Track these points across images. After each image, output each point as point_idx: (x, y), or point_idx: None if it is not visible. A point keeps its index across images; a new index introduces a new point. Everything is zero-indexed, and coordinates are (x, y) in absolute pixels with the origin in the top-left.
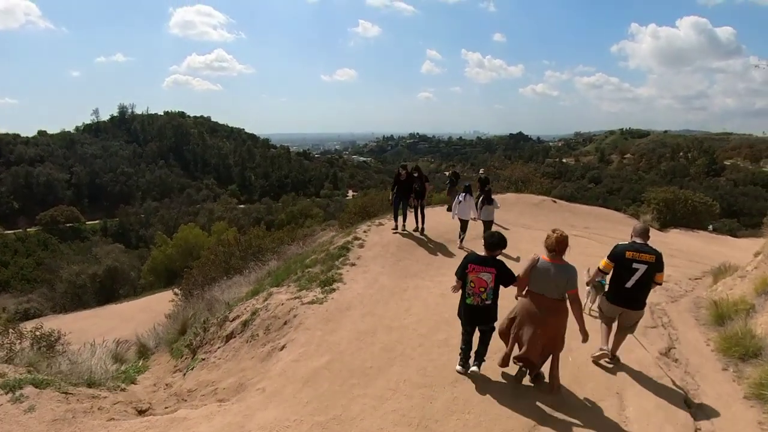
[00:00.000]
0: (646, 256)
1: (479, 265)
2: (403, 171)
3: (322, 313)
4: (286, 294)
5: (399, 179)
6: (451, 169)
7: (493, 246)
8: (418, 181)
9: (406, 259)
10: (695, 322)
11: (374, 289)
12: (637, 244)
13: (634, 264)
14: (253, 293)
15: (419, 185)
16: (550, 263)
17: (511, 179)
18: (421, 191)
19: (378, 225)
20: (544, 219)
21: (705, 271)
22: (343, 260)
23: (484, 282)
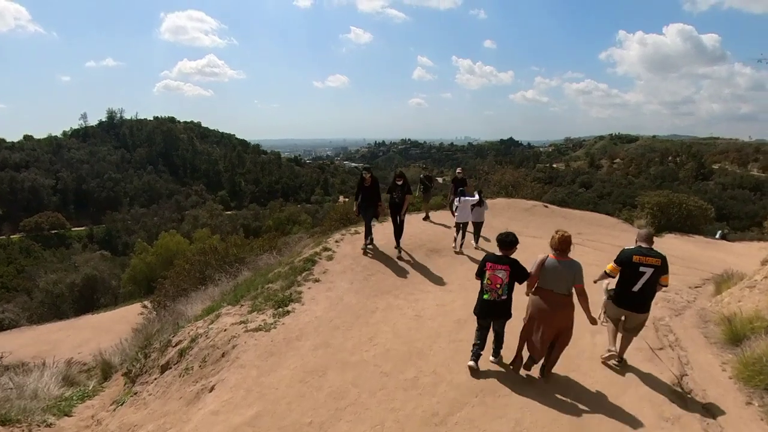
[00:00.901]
0: (652, 259)
1: (495, 263)
2: (367, 175)
3: (265, 345)
4: (234, 316)
5: (363, 185)
6: (423, 172)
7: (507, 245)
8: (399, 190)
9: (380, 274)
10: (705, 340)
11: (336, 311)
12: (643, 248)
13: (641, 268)
14: (207, 311)
15: (399, 196)
16: (557, 260)
17: (501, 184)
18: (400, 203)
19: (354, 233)
20: (535, 225)
21: (705, 279)
22: (307, 275)
23: (499, 279)
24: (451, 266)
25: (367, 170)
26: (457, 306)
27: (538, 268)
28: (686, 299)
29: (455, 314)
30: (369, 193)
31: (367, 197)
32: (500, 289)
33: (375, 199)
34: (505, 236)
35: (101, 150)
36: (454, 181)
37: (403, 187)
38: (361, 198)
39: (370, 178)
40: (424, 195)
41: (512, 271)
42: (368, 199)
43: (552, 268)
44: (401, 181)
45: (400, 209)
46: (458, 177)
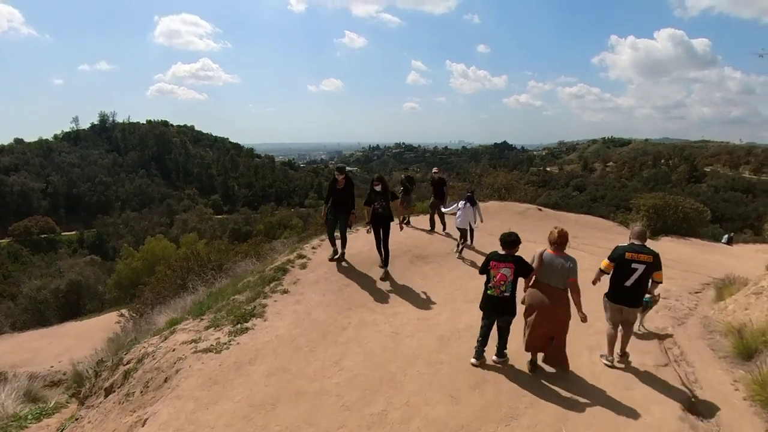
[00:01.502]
0: (644, 256)
1: (500, 262)
2: (341, 176)
3: (211, 370)
4: (188, 333)
5: (335, 188)
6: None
7: (509, 244)
8: (381, 198)
9: (357, 284)
10: (712, 354)
11: (301, 327)
12: (635, 245)
13: (633, 264)
14: (169, 325)
15: (383, 205)
16: (554, 255)
17: (493, 186)
18: (386, 215)
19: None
20: (529, 228)
21: (704, 283)
22: (276, 285)
23: (504, 276)
24: (438, 274)
25: (340, 170)
26: (442, 320)
27: (538, 261)
28: (687, 306)
29: (438, 330)
30: (341, 197)
31: (339, 202)
32: (504, 285)
33: (348, 204)
34: (508, 236)
35: (92, 153)
36: (432, 182)
37: (385, 194)
38: (332, 202)
39: (344, 179)
40: (404, 198)
41: (517, 268)
42: (340, 204)
43: (549, 262)
44: (380, 186)
45: (386, 222)
46: (435, 177)
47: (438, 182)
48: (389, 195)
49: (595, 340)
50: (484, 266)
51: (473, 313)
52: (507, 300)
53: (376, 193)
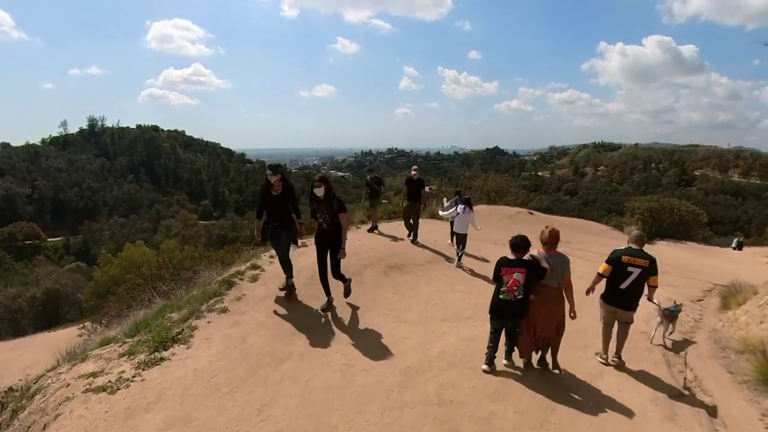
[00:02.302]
0: (641, 260)
1: (511, 267)
2: (274, 177)
3: (93, 418)
4: (97, 362)
5: (269, 194)
6: (371, 174)
7: (518, 248)
8: (325, 208)
9: (314, 300)
10: (730, 379)
11: (229, 359)
12: (633, 249)
13: (629, 267)
14: (100, 345)
15: (327, 218)
16: (547, 254)
17: (483, 190)
18: (331, 230)
19: (300, 245)
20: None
21: (705, 290)
22: (216, 302)
23: (516, 281)
24: (414, 287)
25: (273, 170)
26: (411, 346)
27: None
28: (692, 317)
29: (404, 359)
30: (278, 206)
31: (276, 213)
32: (517, 290)
33: (288, 216)
34: (518, 239)
35: (80, 158)
36: (408, 183)
37: (329, 201)
38: (267, 214)
39: (280, 182)
40: (372, 201)
41: (529, 271)
42: (278, 217)
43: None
44: (322, 190)
45: (331, 242)
46: (413, 178)
47: (416, 183)
48: (335, 203)
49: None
50: (496, 273)
51: (450, 336)
52: (519, 303)
53: (317, 201)
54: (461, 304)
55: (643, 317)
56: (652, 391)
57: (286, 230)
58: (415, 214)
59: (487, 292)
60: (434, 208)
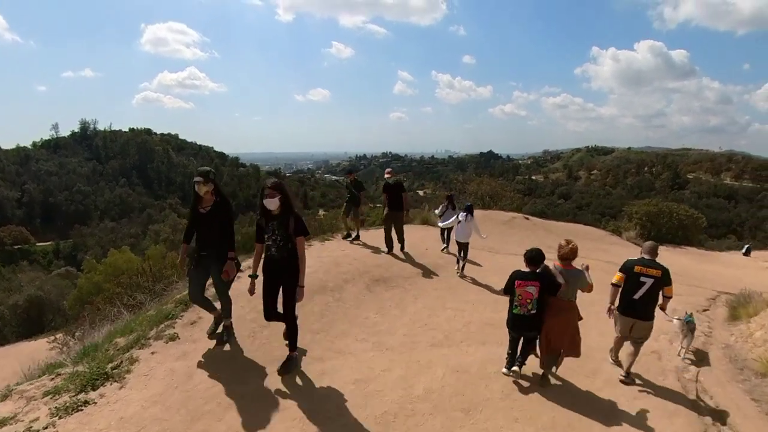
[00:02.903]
0: (653, 270)
1: (524, 280)
2: (204, 187)
3: None
4: (16, 402)
5: (197, 211)
6: (349, 176)
7: (532, 261)
8: (277, 227)
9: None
10: (755, 408)
11: (166, 404)
12: (645, 259)
13: (641, 277)
14: (43, 372)
15: (277, 241)
16: (564, 269)
17: (477, 194)
18: (282, 256)
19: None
20: (515, 239)
21: (710, 299)
22: (167, 326)
23: (529, 294)
24: (400, 304)
25: (203, 177)
26: (391, 381)
27: None
28: (703, 331)
29: (382, 402)
30: (207, 228)
31: (204, 238)
32: (530, 304)
33: (222, 241)
34: (534, 253)
35: (71, 162)
36: (385, 189)
37: (285, 217)
38: (197, 238)
39: (212, 194)
40: (349, 207)
41: (542, 285)
42: (205, 243)
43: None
44: (276, 201)
45: (287, 274)
46: (389, 182)
47: (394, 188)
48: (292, 221)
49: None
50: (509, 286)
51: (438, 366)
52: (533, 317)
53: (269, 216)
54: (452, 323)
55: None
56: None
57: (216, 261)
58: (399, 224)
59: (481, 308)
60: (427, 214)
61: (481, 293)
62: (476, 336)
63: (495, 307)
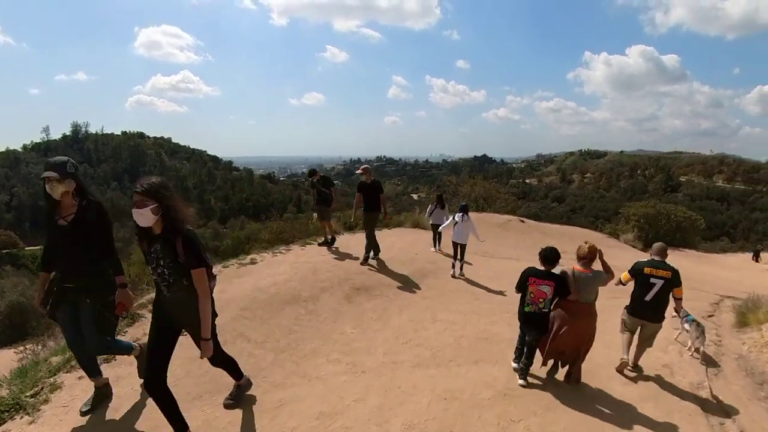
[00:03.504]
0: (663, 272)
1: (539, 278)
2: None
3: None
4: None
5: (52, 222)
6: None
7: (549, 260)
8: (162, 250)
9: (230, 345)
10: None
11: None
12: (655, 261)
13: (651, 279)
14: None
15: (165, 275)
16: (583, 272)
17: (471, 196)
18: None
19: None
20: (510, 243)
21: (713, 303)
22: (59, 375)
23: (543, 293)
24: (383, 316)
25: (58, 172)
26: (364, 414)
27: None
28: (711, 339)
29: None
30: (69, 248)
31: (68, 262)
32: (542, 303)
33: (92, 264)
34: (549, 252)
35: None
36: (360, 188)
37: (169, 238)
38: (58, 263)
39: (73, 197)
40: (320, 209)
41: (557, 286)
42: (69, 269)
43: (580, 279)
44: (148, 213)
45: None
46: (365, 182)
47: (370, 188)
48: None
49: None
50: (521, 283)
51: (423, 393)
52: (544, 315)
53: (147, 236)
54: (441, 338)
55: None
56: None
57: (91, 299)
58: (370, 227)
59: (475, 320)
60: (419, 216)
61: (475, 302)
62: (468, 353)
63: (490, 318)
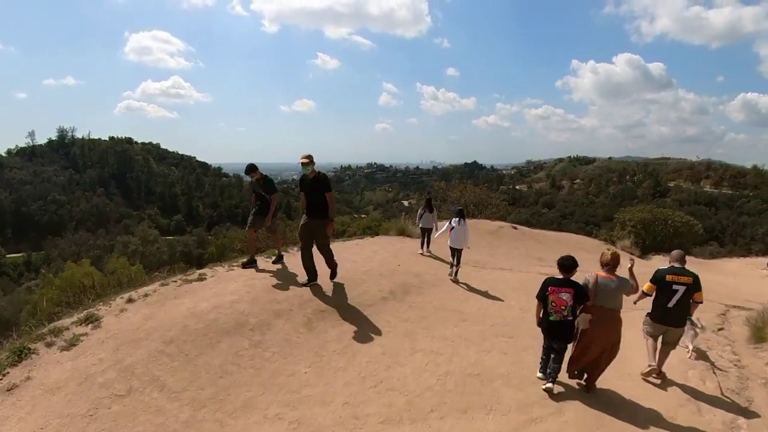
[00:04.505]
0: (684, 278)
1: (558, 287)
2: None
3: None
4: None
5: None
6: (253, 174)
7: (567, 268)
8: None
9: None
10: None
11: None
12: (676, 267)
13: (674, 286)
14: None
15: None
16: (608, 278)
17: (460, 202)
18: None
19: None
20: (503, 251)
21: (720, 314)
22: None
23: (564, 301)
24: (350, 348)
25: None
26: None
27: (593, 288)
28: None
29: None
30: None
31: None
32: (565, 310)
33: None
34: (566, 260)
35: (47, 170)
36: (302, 185)
37: None
38: None
39: None
40: (255, 219)
41: (576, 293)
42: None
43: (604, 285)
44: None
45: None
46: (307, 177)
47: (313, 185)
48: None
49: None
50: (541, 292)
51: None
52: (569, 323)
53: None
54: (421, 378)
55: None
56: None
57: None
58: (321, 238)
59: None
60: (404, 223)
61: (463, 323)
62: (454, 398)
63: (481, 345)
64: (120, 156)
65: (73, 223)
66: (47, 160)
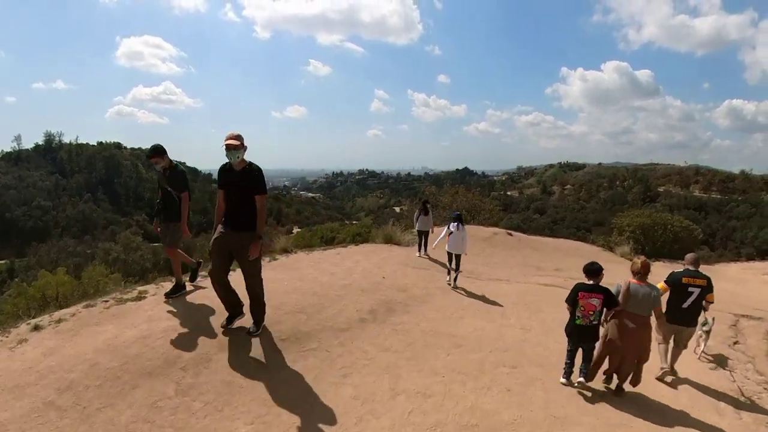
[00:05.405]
0: (699, 280)
1: (588, 292)
2: None
3: None
4: None
5: None
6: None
7: (595, 272)
8: None
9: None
10: None
11: None
12: (690, 270)
13: (689, 288)
14: None
15: None
16: (639, 285)
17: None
18: None
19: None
20: (499, 259)
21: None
22: None
23: (593, 306)
24: (312, 391)
25: None
26: None
27: (625, 294)
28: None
29: None
30: None
31: None
32: (593, 315)
33: None
34: (592, 265)
35: (32, 175)
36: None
37: None
38: None
39: None
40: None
41: (605, 298)
42: None
43: (636, 292)
44: None
45: None
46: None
47: (241, 182)
48: None
49: None
50: (571, 297)
51: None
52: (595, 327)
53: None
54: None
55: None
56: None
57: None
58: (242, 256)
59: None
60: (392, 230)
61: (456, 350)
62: None
63: (480, 380)
64: (108, 161)
65: (59, 229)
66: (33, 165)
